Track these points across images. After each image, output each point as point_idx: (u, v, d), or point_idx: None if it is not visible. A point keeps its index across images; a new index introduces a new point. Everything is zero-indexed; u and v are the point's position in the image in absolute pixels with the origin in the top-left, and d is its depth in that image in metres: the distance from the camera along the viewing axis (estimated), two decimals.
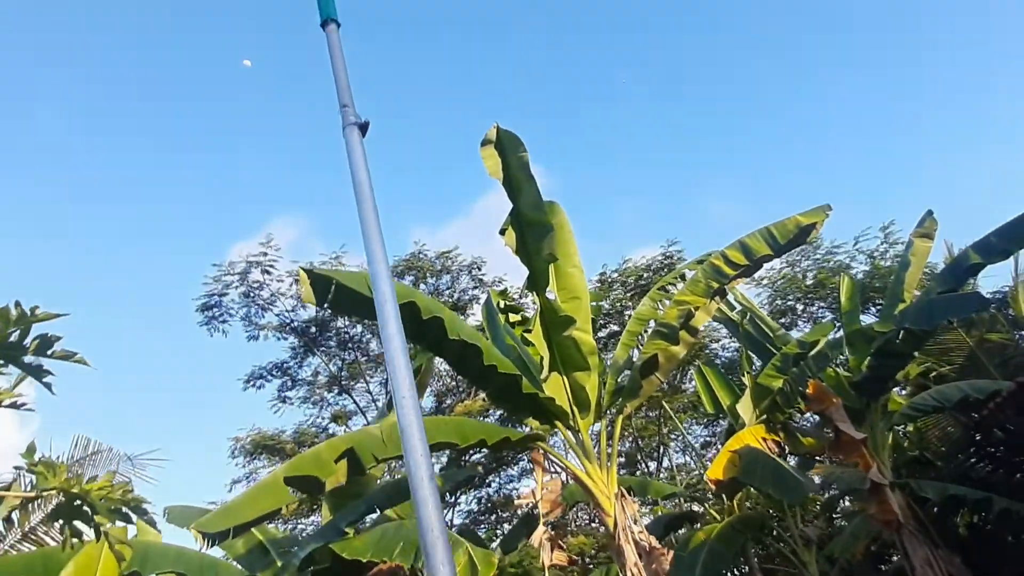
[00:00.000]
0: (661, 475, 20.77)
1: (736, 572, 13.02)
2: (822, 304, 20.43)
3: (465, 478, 10.40)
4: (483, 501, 22.69)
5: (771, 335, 11.94)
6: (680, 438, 20.06)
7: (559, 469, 10.08)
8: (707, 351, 19.17)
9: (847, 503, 16.49)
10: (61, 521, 4.80)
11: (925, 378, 12.88)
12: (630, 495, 10.09)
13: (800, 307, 21.02)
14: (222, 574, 8.14)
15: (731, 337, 18.30)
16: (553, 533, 8.31)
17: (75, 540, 6.02)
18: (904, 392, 13.57)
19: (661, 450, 21.56)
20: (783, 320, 19.76)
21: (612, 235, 48.36)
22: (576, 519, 21.83)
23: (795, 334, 14.21)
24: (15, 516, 8.88)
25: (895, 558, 12.60)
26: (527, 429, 9.22)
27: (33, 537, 10.69)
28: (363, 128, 3.34)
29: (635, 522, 8.10)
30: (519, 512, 14.17)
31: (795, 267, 20.46)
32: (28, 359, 4.48)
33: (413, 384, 2.69)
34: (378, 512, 8.31)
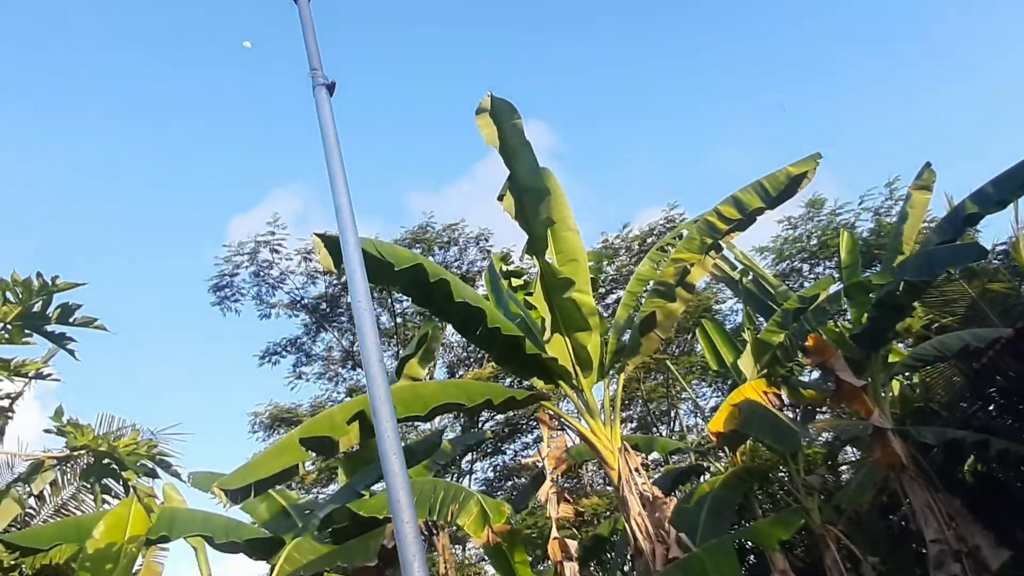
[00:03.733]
0: (672, 437, 21.12)
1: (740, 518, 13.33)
2: (828, 265, 20.50)
3: (475, 442, 10.72)
4: (499, 468, 23.21)
5: (772, 292, 12.09)
6: (690, 401, 20.34)
7: (565, 427, 10.38)
8: (713, 312, 19.33)
9: (852, 454, 16.79)
10: (93, 479, 5.16)
11: (928, 330, 13.02)
12: (636, 451, 10.41)
13: (806, 268, 21.10)
14: (246, 535, 8.54)
15: (738, 300, 18.50)
16: (559, 489, 8.60)
17: (105, 497, 6.43)
18: (906, 344, 13.73)
19: (672, 413, 21.89)
20: (788, 282, 19.87)
21: (619, 193, 48.29)
22: (593, 482, 22.31)
23: None
24: (47, 492, 9.38)
25: (902, 508, 12.87)
26: (534, 390, 9.48)
27: (65, 512, 11.18)
28: (330, 88, 3.69)
29: (638, 474, 8.38)
30: (531, 475, 14.54)
31: (798, 228, 20.50)
32: (51, 328, 4.79)
33: (374, 324, 2.95)
34: None
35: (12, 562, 5.13)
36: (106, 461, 4.77)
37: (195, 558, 9.84)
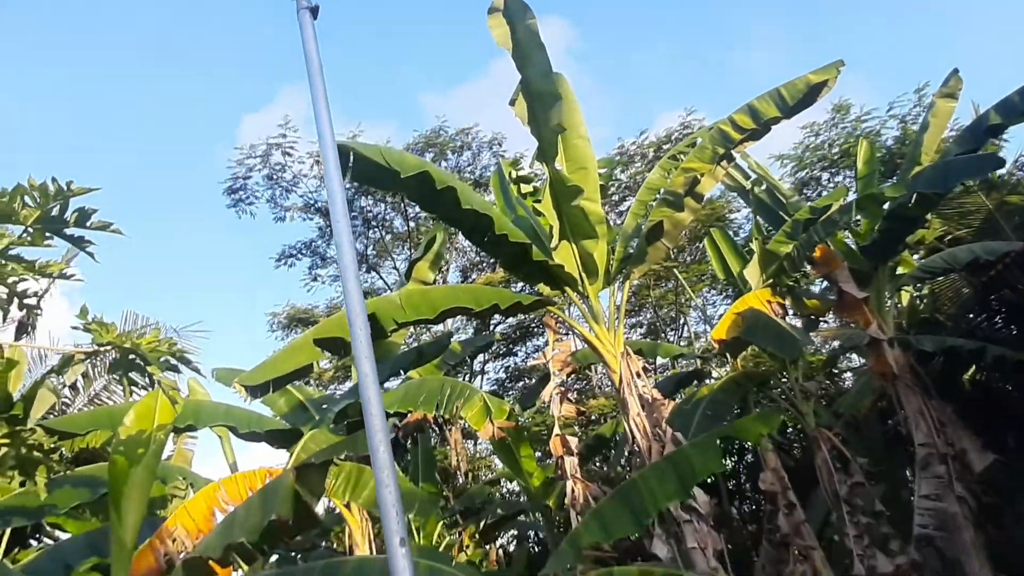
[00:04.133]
0: (680, 343, 21.58)
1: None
2: (848, 174, 20.10)
3: (485, 344, 11.10)
4: (510, 370, 23.97)
5: (784, 202, 12.02)
6: (699, 308, 20.63)
7: (570, 332, 10.73)
8: (727, 222, 19.25)
9: (857, 362, 17.17)
10: (120, 372, 5.51)
11: (940, 242, 12.97)
12: (640, 356, 10.75)
13: (825, 177, 20.73)
14: (266, 426, 9.09)
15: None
16: (563, 389, 8.98)
17: (133, 389, 6.84)
18: (918, 256, 13.72)
19: (680, 320, 22.26)
20: (807, 191, 19.60)
21: (638, 95, 46.85)
22: (601, 384, 23.04)
23: None
24: (79, 384, 9.91)
25: (898, 415, 13.30)
26: (541, 295, 9.72)
27: (97, 402, 11.87)
28: (314, 12, 3.71)
29: (639, 378, 8.71)
30: (538, 376, 15.07)
31: (821, 135, 19.98)
32: (70, 231, 4.99)
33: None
34: (402, 373, 9.06)
35: (52, 445, 5.57)
36: (131, 357, 5.07)
37: (221, 446, 10.54)
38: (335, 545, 13.00)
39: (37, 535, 9.70)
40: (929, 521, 9.41)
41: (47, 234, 4.85)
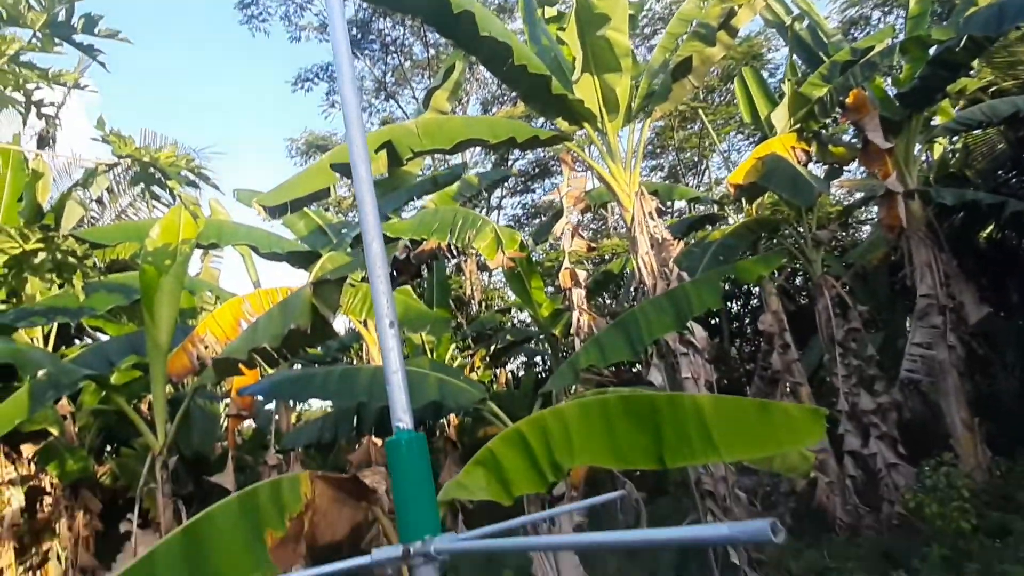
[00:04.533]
0: (699, 189, 21.35)
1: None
2: (902, 15, 18.60)
3: (501, 177, 11.07)
4: (527, 207, 24.07)
5: (825, 42, 11.30)
6: (722, 154, 20.14)
7: (586, 169, 10.61)
8: (761, 61, 18.21)
9: (871, 214, 17.03)
10: (142, 186, 5.66)
11: (983, 92, 12.31)
12: (655, 197, 10.73)
13: (876, 16, 19.22)
14: (287, 247, 9.43)
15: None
16: (575, 225, 9.11)
17: (155, 204, 7.02)
18: (957, 108, 13.10)
19: (702, 164, 21.85)
20: (854, 32, 18.28)
21: None
22: (617, 225, 23.17)
23: None
24: (106, 199, 10.13)
25: (907, 268, 13.40)
26: (558, 130, 9.54)
27: (124, 218, 12.23)
28: None
29: (651, 218, 8.78)
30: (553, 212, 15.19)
31: None
32: (79, 39, 4.92)
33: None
34: (416, 199, 9.18)
35: (85, 252, 5.89)
36: (151, 171, 5.21)
37: (244, 264, 11.00)
38: (354, 361, 13.95)
39: (80, 336, 10.47)
40: (917, 367, 9.85)
41: (56, 40, 4.79)
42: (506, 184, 22.80)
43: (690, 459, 2.94)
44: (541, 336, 11.74)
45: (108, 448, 10.68)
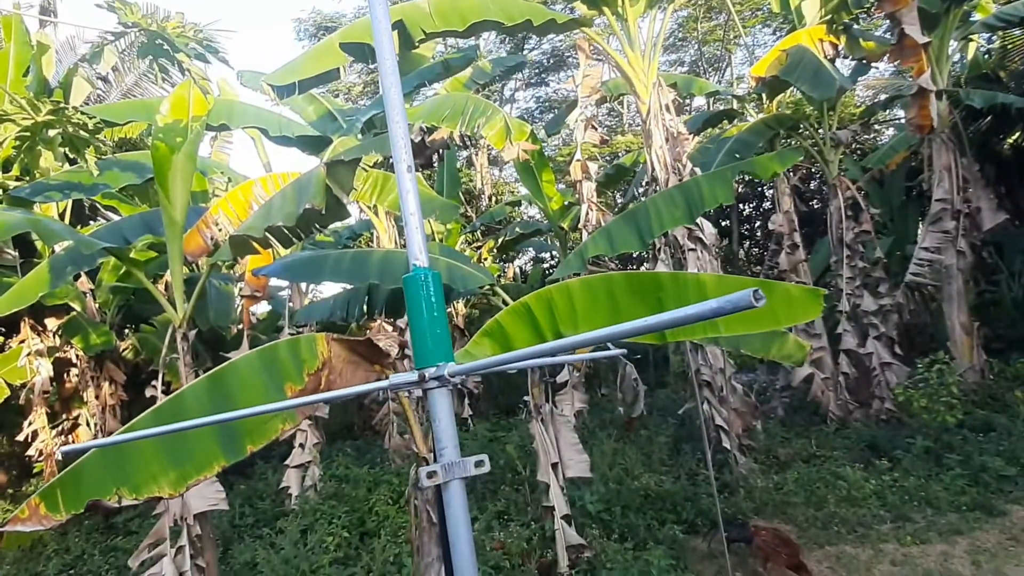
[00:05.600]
0: (722, 85, 20.65)
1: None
2: None
3: (515, 64, 10.72)
4: (541, 100, 23.45)
5: None
6: (746, 48, 19.31)
7: (603, 59, 10.30)
8: None
9: (895, 116, 16.54)
10: (149, 58, 5.56)
11: None
12: (673, 90, 10.43)
13: None
14: (297, 131, 9.33)
15: None
16: (589, 116, 8.92)
17: (164, 78, 6.91)
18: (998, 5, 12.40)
19: (725, 59, 21.02)
20: None
21: None
22: (634, 122, 22.64)
23: None
24: (111, 77, 9.92)
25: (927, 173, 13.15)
26: (577, 14, 9.16)
27: (131, 96, 12.02)
28: None
29: (667, 110, 8.59)
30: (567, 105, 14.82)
31: None
32: None
33: None
34: (427, 85, 8.96)
35: (96, 126, 5.88)
36: (158, 42, 5.10)
37: (255, 148, 10.90)
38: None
39: (94, 217, 10.60)
40: (923, 271, 9.90)
41: None
42: (520, 76, 22.11)
43: (690, 334, 3.06)
44: (550, 230, 11.78)
45: (128, 325, 11.05)
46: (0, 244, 9.61)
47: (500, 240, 13.77)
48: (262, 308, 13.76)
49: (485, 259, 13.90)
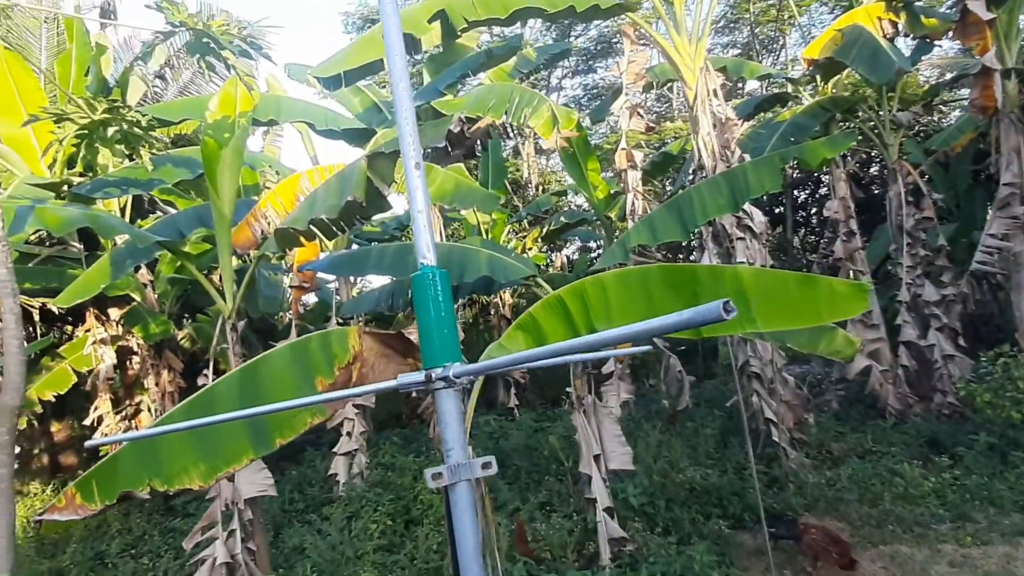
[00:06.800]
0: (775, 68, 20.00)
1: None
2: None
3: (560, 51, 10.59)
4: (588, 88, 23.19)
5: None
6: (802, 28, 18.63)
7: (649, 44, 10.08)
8: None
9: (960, 96, 15.71)
10: (196, 55, 5.69)
11: None
12: (722, 74, 10.15)
13: None
14: (343, 124, 9.46)
15: None
16: (634, 103, 8.76)
17: (211, 75, 7.01)
18: None
19: (780, 40, 20.35)
20: None
21: None
22: (683, 108, 22.17)
23: None
24: (168, 75, 10.20)
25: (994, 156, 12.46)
26: None
27: (186, 94, 12.38)
28: None
29: (715, 96, 8.36)
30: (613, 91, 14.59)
31: None
32: None
33: None
34: (471, 74, 8.94)
35: (149, 123, 6.08)
36: (205, 40, 5.22)
37: (302, 141, 11.11)
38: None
39: (152, 210, 10.99)
40: (990, 259, 9.40)
41: None
42: (567, 63, 21.89)
43: (727, 329, 2.97)
44: (596, 219, 11.65)
45: (185, 315, 11.46)
46: (65, 238, 10.08)
47: (545, 230, 13.70)
48: (312, 298, 14.07)
49: (530, 249, 13.85)
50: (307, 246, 6.74)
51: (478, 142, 10.59)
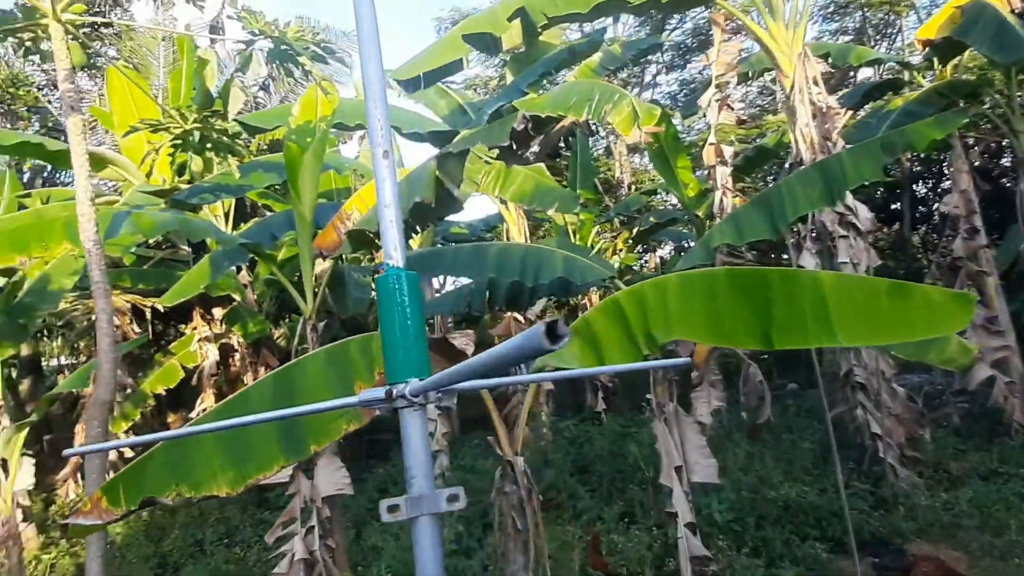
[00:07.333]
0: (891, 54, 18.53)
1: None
2: None
3: (648, 46, 10.22)
4: (685, 83, 22.44)
5: None
6: (918, 10, 17.16)
7: (741, 31, 9.52)
8: None
9: None
10: (276, 63, 5.84)
11: None
12: (825, 60, 9.46)
13: None
14: (428, 127, 9.53)
15: None
16: (723, 95, 8.27)
17: (290, 82, 7.14)
18: None
19: (895, 25, 18.86)
20: None
21: None
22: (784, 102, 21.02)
23: None
24: (271, 86, 10.55)
25: None
26: None
27: (287, 101, 12.87)
28: None
29: (815, 84, 7.77)
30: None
31: None
32: None
33: None
34: (554, 72, 8.76)
35: (235, 131, 6.33)
36: (284, 47, 5.35)
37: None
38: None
39: (255, 214, 11.57)
40: None
41: None
42: (660, 59, 21.27)
43: (801, 341, 2.64)
44: (686, 219, 11.17)
45: (282, 314, 11.96)
46: (175, 241, 10.76)
47: (635, 230, 13.30)
48: None
49: (620, 250, 13.49)
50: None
51: (560, 141, 10.37)
